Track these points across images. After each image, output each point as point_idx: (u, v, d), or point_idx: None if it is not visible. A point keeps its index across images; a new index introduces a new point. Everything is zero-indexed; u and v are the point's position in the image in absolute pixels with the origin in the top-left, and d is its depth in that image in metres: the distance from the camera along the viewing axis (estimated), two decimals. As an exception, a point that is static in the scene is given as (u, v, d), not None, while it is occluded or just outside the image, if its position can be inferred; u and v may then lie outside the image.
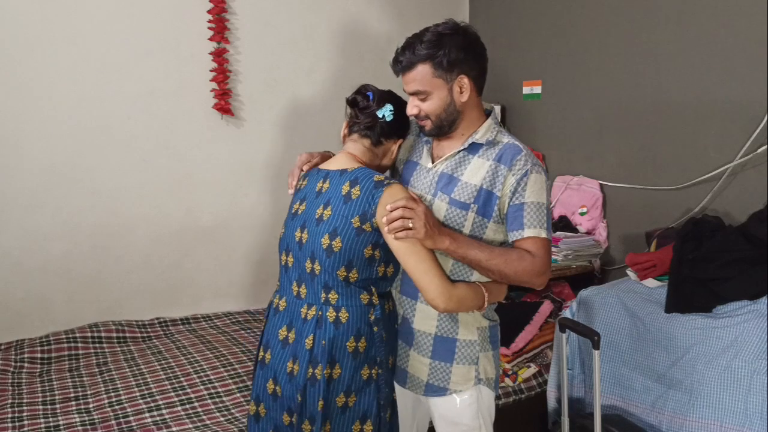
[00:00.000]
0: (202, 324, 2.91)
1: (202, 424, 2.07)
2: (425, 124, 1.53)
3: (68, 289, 2.75)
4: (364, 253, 1.42)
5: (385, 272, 1.47)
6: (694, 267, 2.07)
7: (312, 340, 1.42)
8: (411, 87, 1.50)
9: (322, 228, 1.44)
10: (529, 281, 1.47)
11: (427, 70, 1.47)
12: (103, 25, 2.68)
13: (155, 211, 2.89)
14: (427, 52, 1.45)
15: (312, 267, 1.45)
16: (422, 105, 1.50)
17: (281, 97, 3.10)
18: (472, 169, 1.51)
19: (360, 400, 1.44)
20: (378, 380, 1.46)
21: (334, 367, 1.41)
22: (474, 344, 1.54)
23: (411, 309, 1.55)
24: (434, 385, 1.55)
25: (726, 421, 1.85)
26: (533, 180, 1.47)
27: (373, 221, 1.40)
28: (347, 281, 1.43)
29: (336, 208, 1.44)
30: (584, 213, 2.85)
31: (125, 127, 2.77)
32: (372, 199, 1.40)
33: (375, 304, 1.45)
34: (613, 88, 2.76)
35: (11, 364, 2.45)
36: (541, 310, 2.60)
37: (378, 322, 1.45)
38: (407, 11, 3.38)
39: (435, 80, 1.47)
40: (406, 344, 1.57)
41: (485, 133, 1.53)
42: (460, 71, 1.48)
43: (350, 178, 1.45)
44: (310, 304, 1.45)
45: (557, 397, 2.28)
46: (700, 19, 2.40)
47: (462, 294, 1.44)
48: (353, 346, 1.42)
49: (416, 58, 1.46)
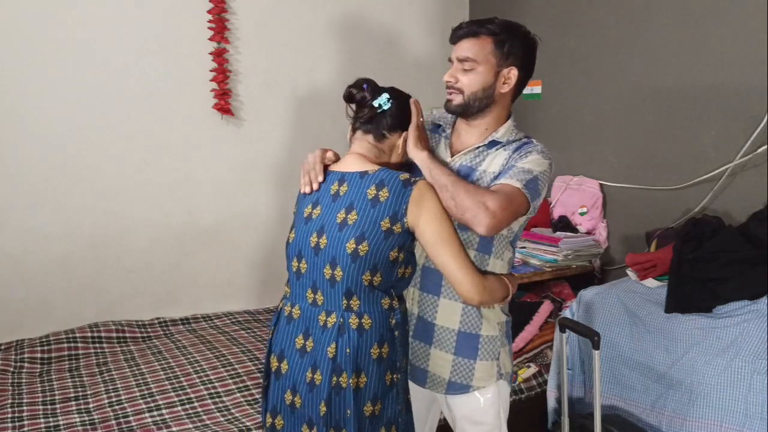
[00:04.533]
0: (202, 324, 2.91)
1: (202, 424, 2.06)
2: (454, 98, 1.52)
3: (68, 289, 2.75)
4: (389, 256, 1.40)
5: (404, 273, 1.46)
6: (694, 267, 2.07)
7: (335, 349, 1.38)
8: (462, 52, 1.49)
9: (347, 233, 1.40)
10: (474, 213, 1.36)
11: (488, 43, 1.48)
12: (103, 25, 2.68)
13: (155, 211, 2.89)
14: (497, 29, 1.47)
15: (332, 273, 1.40)
16: (463, 76, 1.50)
17: (281, 97, 3.10)
18: (491, 159, 1.52)
19: (385, 406, 1.42)
20: (398, 385, 1.45)
21: (360, 375, 1.38)
22: (495, 339, 1.55)
23: (432, 305, 1.54)
24: (456, 382, 1.54)
25: (726, 421, 1.85)
26: (534, 156, 1.48)
27: (405, 221, 1.39)
28: (371, 286, 1.40)
29: (363, 212, 1.40)
30: (584, 213, 2.85)
31: (125, 127, 2.77)
32: (402, 198, 1.39)
33: (395, 309, 1.44)
34: (613, 88, 2.76)
35: (11, 364, 2.45)
36: (541, 310, 2.60)
37: (398, 326, 1.44)
38: (407, 11, 3.38)
39: (489, 57, 1.48)
40: (425, 342, 1.56)
41: (506, 133, 1.55)
42: (514, 64, 1.49)
43: (375, 181, 1.42)
44: (329, 311, 1.42)
45: (557, 397, 2.28)
46: (700, 19, 2.40)
47: (493, 285, 1.45)
48: (377, 353, 1.39)
49: (483, 30, 1.48)
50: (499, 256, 1.54)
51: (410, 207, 1.39)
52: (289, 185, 3.14)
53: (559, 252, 2.64)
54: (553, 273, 2.64)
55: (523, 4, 3.20)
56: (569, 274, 2.71)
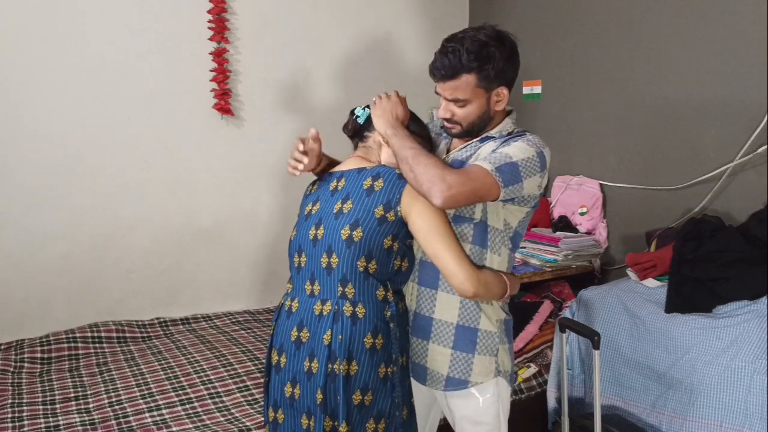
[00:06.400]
0: (202, 324, 2.91)
1: (202, 424, 2.07)
2: (453, 128, 1.54)
3: (68, 289, 2.75)
4: (384, 244, 1.42)
5: (401, 266, 1.47)
6: (694, 267, 2.07)
7: (330, 336, 1.41)
8: (450, 94, 1.49)
9: (342, 220, 1.45)
10: (430, 185, 1.35)
11: (471, 80, 1.46)
12: (103, 25, 2.68)
13: (155, 211, 2.89)
14: (476, 64, 1.44)
15: (329, 261, 1.45)
16: (457, 111, 1.51)
17: (281, 97, 3.10)
18: (482, 150, 1.53)
19: (376, 398, 1.43)
20: (393, 379, 1.45)
21: (351, 363, 1.40)
22: (494, 335, 1.55)
23: (431, 300, 1.55)
24: (455, 378, 1.54)
25: (726, 421, 1.85)
26: (518, 144, 1.47)
27: (398, 209, 1.43)
28: (366, 273, 1.43)
29: (357, 200, 1.45)
30: (584, 213, 2.85)
31: (125, 127, 2.77)
32: (396, 188, 1.44)
33: (390, 301, 1.45)
34: (613, 88, 2.76)
35: (11, 364, 2.45)
36: (541, 310, 2.60)
37: (393, 319, 1.45)
38: (407, 11, 3.38)
39: (477, 90, 1.48)
40: (423, 338, 1.56)
41: (502, 129, 1.57)
42: (501, 82, 1.50)
43: (372, 174, 1.49)
44: (324, 300, 1.45)
45: (557, 397, 2.28)
46: (700, 19, 2.40)
47: (488, 278, 1.46)
48: (371, 343, 1.41)
49: (462, 68, 1.44)
50: (496, 251, 1.54)
51: (404, 197, 1.43)
52: (289, 185, 3.14)
53: (559, 252, 2.64)
54: (553, 273, 2.64)
55: (523, 4, 3.20)
56: (569, 274, 2.70)
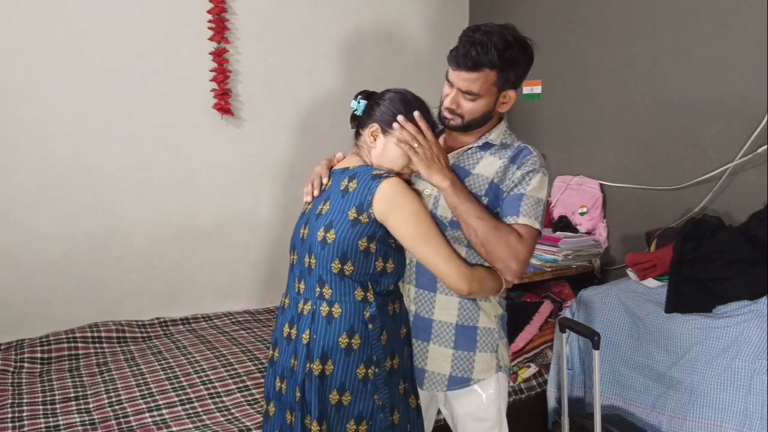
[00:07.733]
0: (202, 324, 2.91)
1: (202, 424, 2.06)
2: (453, 119, 1.51)
3: (68, 289, 2.75)
4: (359, 245, 1.41)
5: (385, 268, 1.46)
6: (694, 267, 2.07)
7: (308, 335, 1.43)
8: (465, 86, 1.45)
9: (320, 222, 1.46)
10: (505, 261, 1.42)
11: (491, 77, 1.44)
12: (103, 26, 2.68)
13: (155, 211, 2.89)
14: (500, 63, 1.42)
15: (309, 261, 1.47)
16: (465, 104, 1.48)
17: (281, 97, 3.10)
18: (485, 164, 1.52)
19: (355, 399, 1.43)
20: (376, 380, 1.44)
21: (326, 363, 1.41)
22: (493, 332, 1.56)
23: (429, 302, 1.55)
24: (457, 376, 1.55)
25: (726, 421, 1.85)
26: (539, 179, 1.48)
27: (371, 212, 1.41)
28: (342, 275, 1.43)
29: (333, 202, 1.46)
30: (584, 213, 2.85)
31: (125, 127, 2.77)
32: (368, 190, 1.42)
33: (370, 302, 1.44)
34: (613, 88, 2.76)
35: (11, 364, 2.45)
36: (541, 310, 2.60)
37: (374, 320, 1.43)
38: (407, 11, 3.38)
39: (492, 88, 1.47)
40: (423, 340, 1.56)
41: (499, 135, 1.55)
42: (513, 86, 1.50)
43: (350, 174, 1.49)
44: (306, 299, 1.47)
45: (557, 397, 2.29)
46: (699, 19, 2.40)
47: (482, 274, 1.46)
48: (346, 343, 1.41)
49: (486, 62, 1.42)
50: None
51: (376, 200, 1.40)
52: (289, 185, 3.14)
53: (559, 252, 2.63)
54: (553, 273, 2.64)
55: (523, 4, 3.20)
56: (569, 274, 2.70)
